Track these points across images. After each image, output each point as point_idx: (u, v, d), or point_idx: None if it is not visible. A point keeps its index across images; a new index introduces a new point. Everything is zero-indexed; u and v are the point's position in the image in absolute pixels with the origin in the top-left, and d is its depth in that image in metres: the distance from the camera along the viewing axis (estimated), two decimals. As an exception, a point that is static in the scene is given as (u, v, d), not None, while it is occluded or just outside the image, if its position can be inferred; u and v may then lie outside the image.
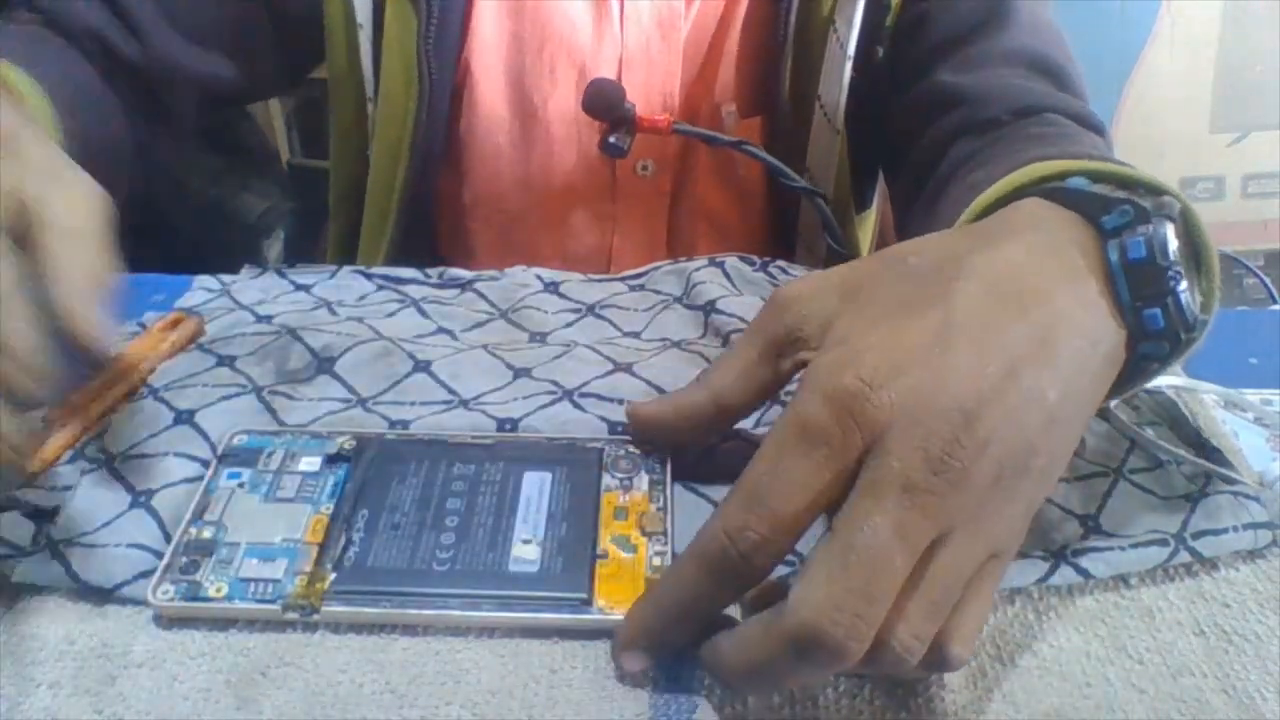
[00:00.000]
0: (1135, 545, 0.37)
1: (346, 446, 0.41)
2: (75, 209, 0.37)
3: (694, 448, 0.41)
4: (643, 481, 0.39)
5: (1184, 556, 0.37)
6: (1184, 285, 0.33)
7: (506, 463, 0.40)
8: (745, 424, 0.40)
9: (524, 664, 0.34)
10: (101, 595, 0.36)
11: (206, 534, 0.37)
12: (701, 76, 0.69)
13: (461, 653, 0.34)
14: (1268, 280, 0.75)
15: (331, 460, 0.40)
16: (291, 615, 0.35)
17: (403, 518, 0.38)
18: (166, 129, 0.67)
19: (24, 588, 0.36)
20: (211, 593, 0.35)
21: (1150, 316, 0.34)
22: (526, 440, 0.42)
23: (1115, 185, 0.38)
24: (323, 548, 0.36)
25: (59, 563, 0.36)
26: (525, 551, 0.36)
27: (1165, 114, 1.79)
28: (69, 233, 0.36)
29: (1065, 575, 0.36)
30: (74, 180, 0.39)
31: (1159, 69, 1.76)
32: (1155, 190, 0.37)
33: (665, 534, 0.37)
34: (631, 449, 0.41)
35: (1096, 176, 0.39)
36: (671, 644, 0.33)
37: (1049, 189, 0.38)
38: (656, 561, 0.36)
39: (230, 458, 0.41)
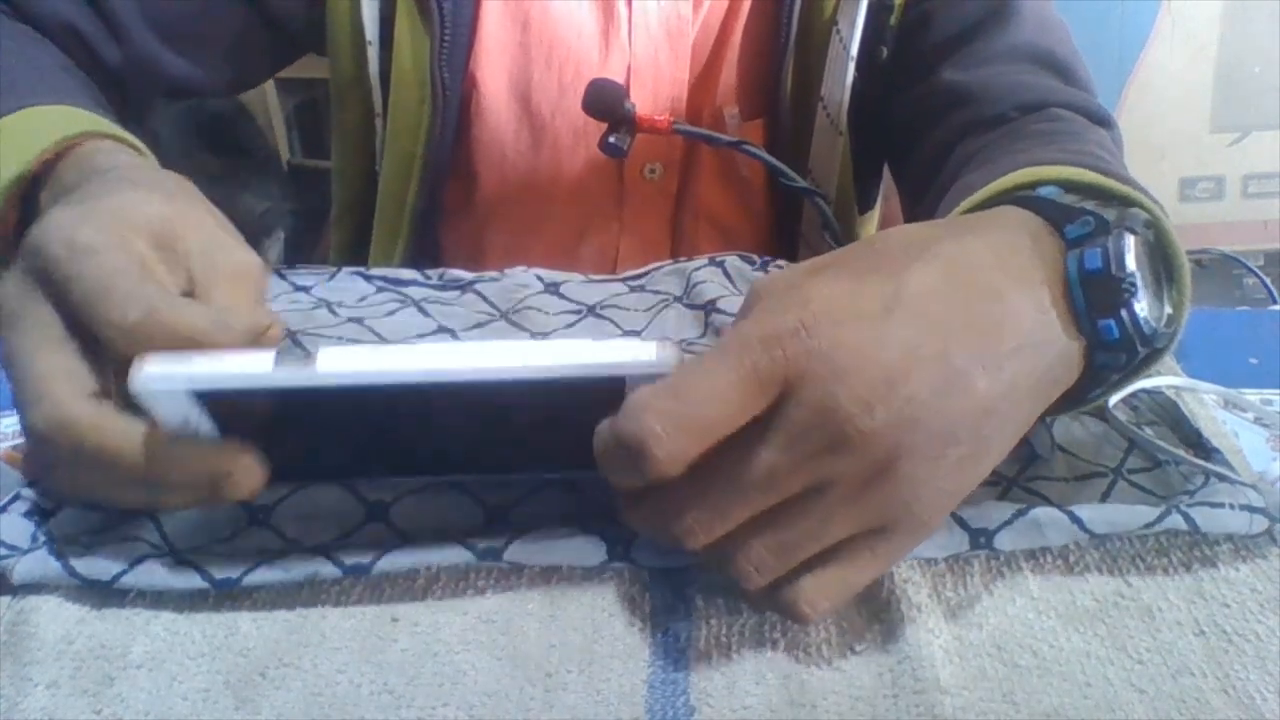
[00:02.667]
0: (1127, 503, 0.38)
1: None
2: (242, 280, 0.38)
3: None
4: None
5: (1178, 521, 0.37)
6: (1140, 297, 0.33)
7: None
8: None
9: (521, 666, 0.34)
10: (101, 594, 0.36)
11: None
12: (704, 80, 0.69)
13: (459, 654, 0.34)
14: (1268, 280, 0.74)
15: None
16: (288, 362, 0.31)
17: None
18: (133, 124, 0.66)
19: (23, 587, 0.36)
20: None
21: (1105, 327, 0.34)
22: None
23: (1087, 195, 0.38)
24: None
25: (57, 561, 0.36)
26: None
27: (1165, 114, 1.80)
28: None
29: (1055, 519, 0.37)
30: (241, 250, 0.39)
31: (1159, 69, 1.77)
32: (1127, 201, 0.38)
33: None
34: None
35: (1070, 186, 0.39)
36: None
37: (1021, 196, 0.39)
38: None
39: None
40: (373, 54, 0.66)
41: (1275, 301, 0.73)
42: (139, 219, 0.37)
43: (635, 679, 0.33)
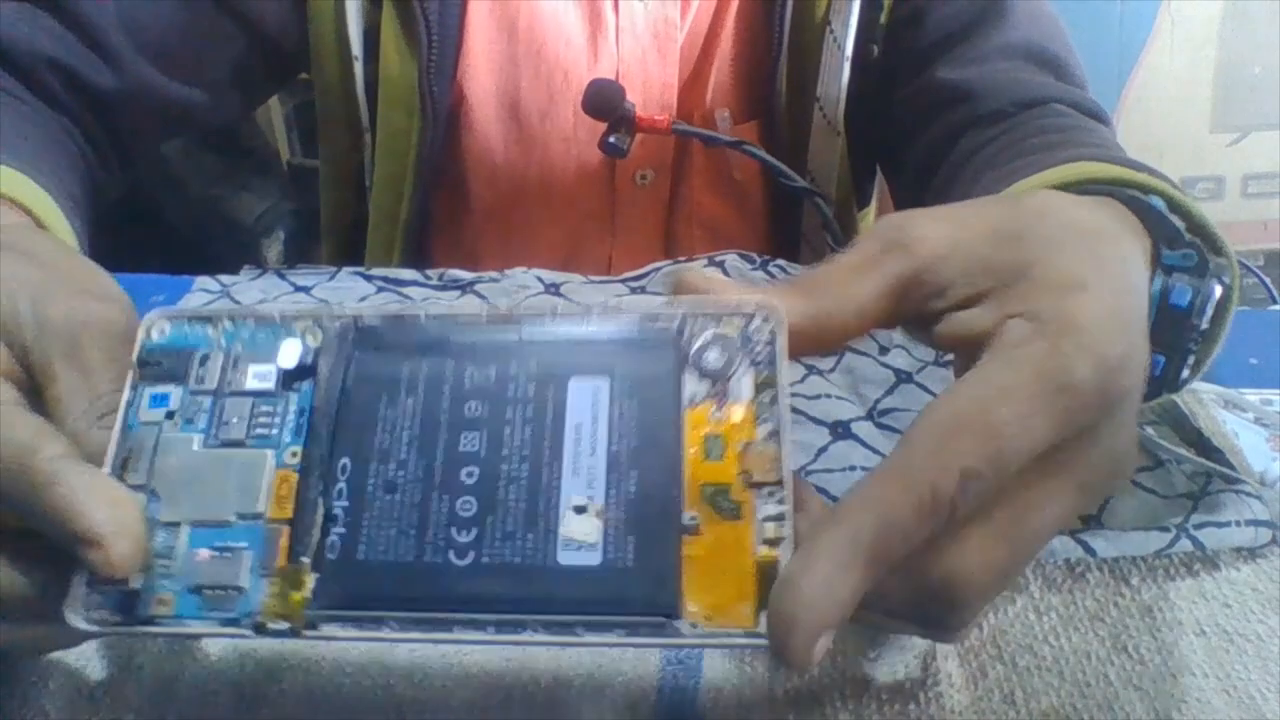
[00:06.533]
0: (1137, 529, 0.37)
1: (311, 340, 0.28)
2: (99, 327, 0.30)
3: None
4: (744, 384, 0.27)
5: (1186, 545, 0.37)
6: (1195, 350, 0.33)
7: (542, 362, 0.28)
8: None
9: (528, 668, 0.34)
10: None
11: None
12: (695, 83, 0.68)
13: (467, 656, 0.34)
14: (1268, 280, 0.74)
15: (292, 375, 0.28)
16: (268, 640, 0.29)
17: (399, 471, 0.27)
18: (125, 158, 0.64)
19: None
20: (155, 609, 0.26)
21: (1154, 361, 0.33)
22: (570, 315, 0.28)
23: (1187, 224, 0.36)
24: (294, 528, 0.26)
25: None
26: (579, 528, 0.25)
27: (1165, 114, 1.79)
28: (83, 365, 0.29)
29: (1067, 547, 0.37)
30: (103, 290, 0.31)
31: (1159, 69, 1.76)
32: (1215, 247, 0.36)
33: (781, 482, 0.25)
34: (722, 328, 0.27)
35: (1174, 205, 0.36)
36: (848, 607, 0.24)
37: (1130, 197, 0.35)
38: (771, 531, 0.25)
39: (152, 366, 0.28)
40: (358, 69, 0.65)
41: (1275, 301, 0.73)
42: None
43: (646, 685, 0.33)
